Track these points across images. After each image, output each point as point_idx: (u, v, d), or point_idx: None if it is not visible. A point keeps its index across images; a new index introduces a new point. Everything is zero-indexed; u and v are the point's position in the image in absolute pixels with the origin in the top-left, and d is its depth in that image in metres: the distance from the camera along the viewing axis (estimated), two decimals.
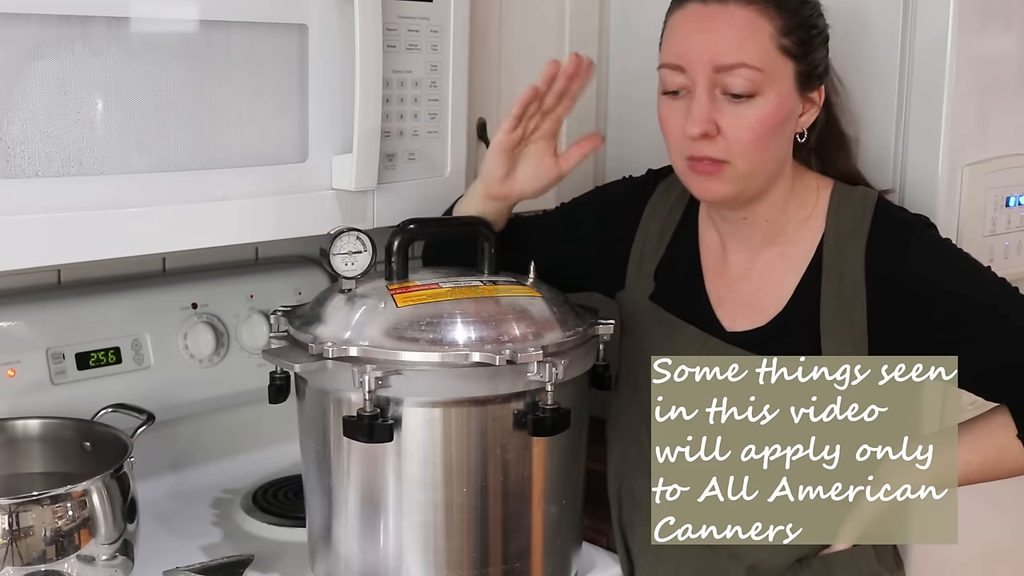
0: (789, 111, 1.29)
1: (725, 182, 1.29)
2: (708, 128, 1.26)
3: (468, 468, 1.26)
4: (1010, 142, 1.62)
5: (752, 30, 1.25)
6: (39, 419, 1.41)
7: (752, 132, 1.26)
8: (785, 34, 1.27)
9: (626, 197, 1.50)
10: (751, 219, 1.36)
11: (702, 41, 1.27)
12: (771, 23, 1.26)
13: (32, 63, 1.17)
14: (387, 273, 1.34)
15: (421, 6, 1.46)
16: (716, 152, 1.27)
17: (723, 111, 1.26)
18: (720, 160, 1.28)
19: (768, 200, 1.34)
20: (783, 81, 1.27)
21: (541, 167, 1.42)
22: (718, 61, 1.25)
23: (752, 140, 1.27)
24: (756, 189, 1.32)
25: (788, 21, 1.27)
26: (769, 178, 1.32)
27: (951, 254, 1.33)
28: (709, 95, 1.26)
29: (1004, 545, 1.80)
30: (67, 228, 1.22)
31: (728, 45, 1.25)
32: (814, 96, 1.32)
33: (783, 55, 1.27)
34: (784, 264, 1.37)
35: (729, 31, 1.26)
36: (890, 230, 1.32)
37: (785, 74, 1.28)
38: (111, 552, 1.27)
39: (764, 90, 1.26)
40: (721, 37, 1.26)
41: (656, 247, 1.45)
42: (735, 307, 1.38)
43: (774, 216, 1.36)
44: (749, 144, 1.27)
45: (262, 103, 1.36)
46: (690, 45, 1.28)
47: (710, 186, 1.30)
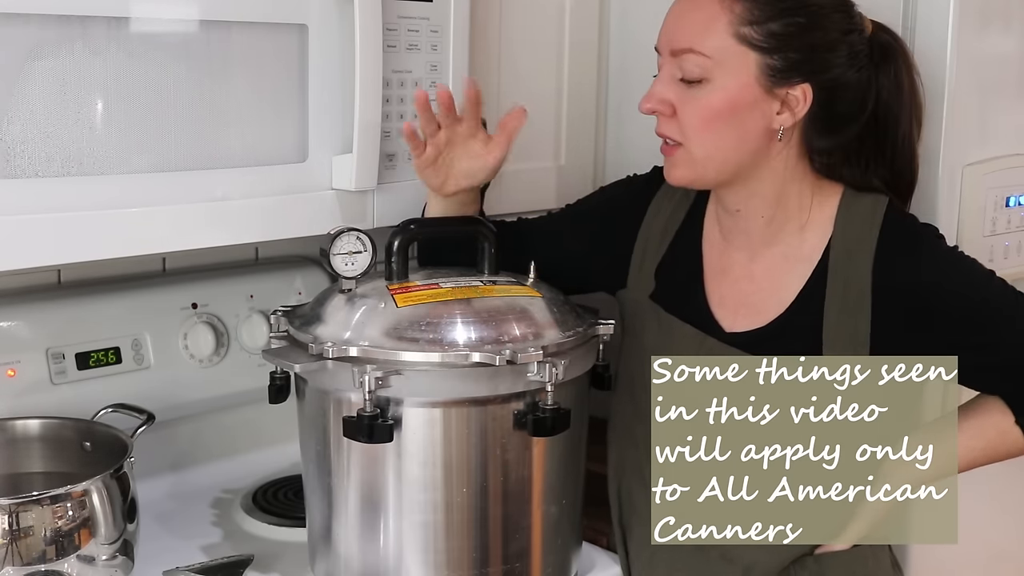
0: (747, 103, 1.28)
1: (680, 165, 1.33)
2: (658, 107, 1.31)
3: (468, 468, 1.26)
4: (1010, 142, 1.63)
5: (707, 18, 1.28)
6: (39, 419, 1.41)
7: (699, 116, 1.29)
8: (748, 23, 1.26)
9: (630, 195, 1.50)
10: (745, 213, 1.36)
11: (668, 24, 1.33)
12: (732, 12, 1.27)
13: (32, 63, 1.17)
14: (387, 273, 1.34)
15: (421, 6, 1.46)
16: (670, 131, 1.32)
17: (676, 93, 1.31)
18: (676, 141, 1.32)
19: (759, 195, 1.34)
20: (739, 71, 1.27)
21: (474, 164, 1.42)
22: (672, 45, 1.31)
23: (700, 124, 1.30)
24: (720, 178, 1.34)
25: (758, 13, 1.27)
26: (735, 169, 1.32)
27: (960, 264, 1.33)
28: (669, 77, 1.31)
29: (1004, 545, 1.80)
30: (67, 228, 1.22)
31: (683, 31, 1.30)
32: (796, 95, 1.29)
33: (742, 45, 1.27)
34: (788, 266, 1.36)
35: (689, 17, 1.30)
36: (900, 240, 1.32)
37: (742, 64, 1.27)
38: (111, 552, 1.27)
39: (714, 77, 1.28)
40: (681, 23, 1.31)
41: (658, 245, 1.45)
42: (736, 307, 1.38)
43: (770, 214, 1.35)
44: (698, 128, 1.30)
45: (262, 103, 1.36)
46: (662, 28, 1.33)
47: (669, 168, 1.35)
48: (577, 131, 1.84)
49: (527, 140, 1.75)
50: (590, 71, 1.86)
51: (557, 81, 1.80)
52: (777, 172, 1.34)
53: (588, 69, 1.85)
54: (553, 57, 1.79)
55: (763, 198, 1.35)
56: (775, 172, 1.34)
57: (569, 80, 1.81)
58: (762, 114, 1.29)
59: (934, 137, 1.50)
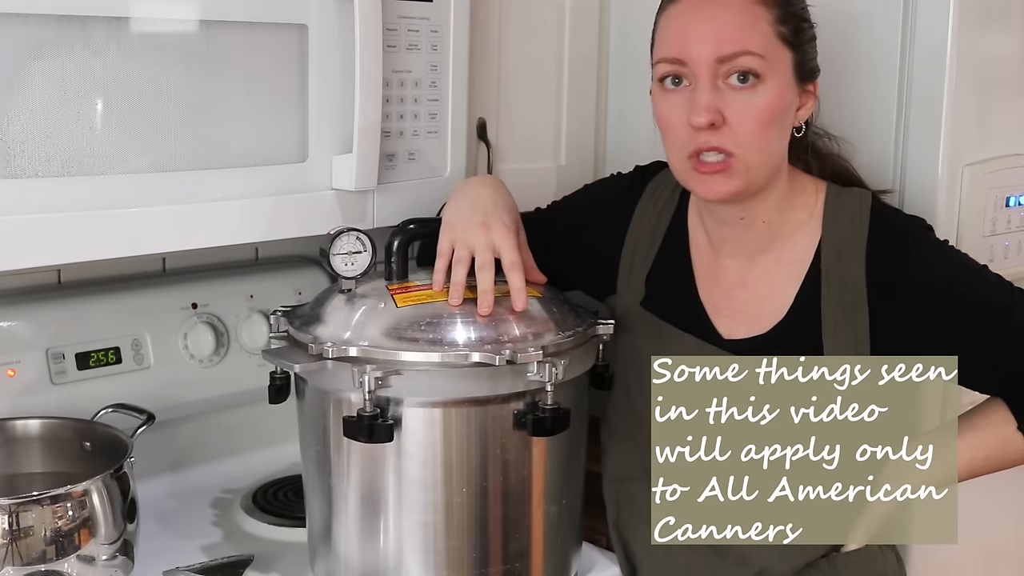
0: (789, 101, 1.29)
1: (733, 177, 1.27)
2: (714, 117, 1.24)
3: (468, 468, 1.26)
4: (1010, 142, 1.62)
5: (751, 17, 1.25)
6: (39, 419, 1.41)
7: (758, 120, 1.25)
8: (782, 22, 1.27)
9: (614, 198, 1.48)
10: (749, 220, 1.35)
11: (703, 31, 1.25)
12: (768, 10, 1.26)
13: (32, 63, 1.17)
14: (387, 273, 1.34)
15: (421, 6, 1.46)
16: (723, 142, 1.25)
17: (728, 100, 1.25)
18: (728, 152, 1.25)
19: (767, 200, 1.33)
20: (783, 70, 1.27)
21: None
22: (721, 51, 1.24)
23: (759, 128, 1.25)
24: (760, 184, 1.30)
25: (783, 10, 1.27)
26: (771, 173, 1.31)
27: (951, 256, 1.32)
28: (712, 85, 1.25)
29: (1004, 545, 1.80)
30: (67, 228, 1.22)
31: (730, 33, 1.24)
32: (810, 89, 1.32)
33: (781, 43, 1.27)
34: (781, 271, 1.36)
35: (729, 19, 1.25)
36: (889, 236, 1.31)
37: (784, 63, 1.27)
38: (111, 552, 1.27)
39: (767, 77, 1.25)
40: (722, 25, 1.25)
41: (647, 251, 1.44)
42: (732, 315, 1.37)
43: (771, 218, 1.35)
44: (757, 132, 1.25)
45: (262, 103, 1.36)
46: (691, 36, 1.26)
47: (716, 185, 1.27)
48: (577, 131, 1.84)
49: (527, 140, 1.76)
50: (590, 71, 1.86)
51: (557, 81, 1.80)
52: (784, 173, 1.34)
53: (588, 69, 1.85)
54: (553, 57, 1.79)
55: (770, 203, 1.34)
56: (783, 174, 1.34)
57: (569, 80, 1.81)
58: (792, 112, 1.30)
59: (934, 137, 1.50)
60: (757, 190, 1.31)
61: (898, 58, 1.51)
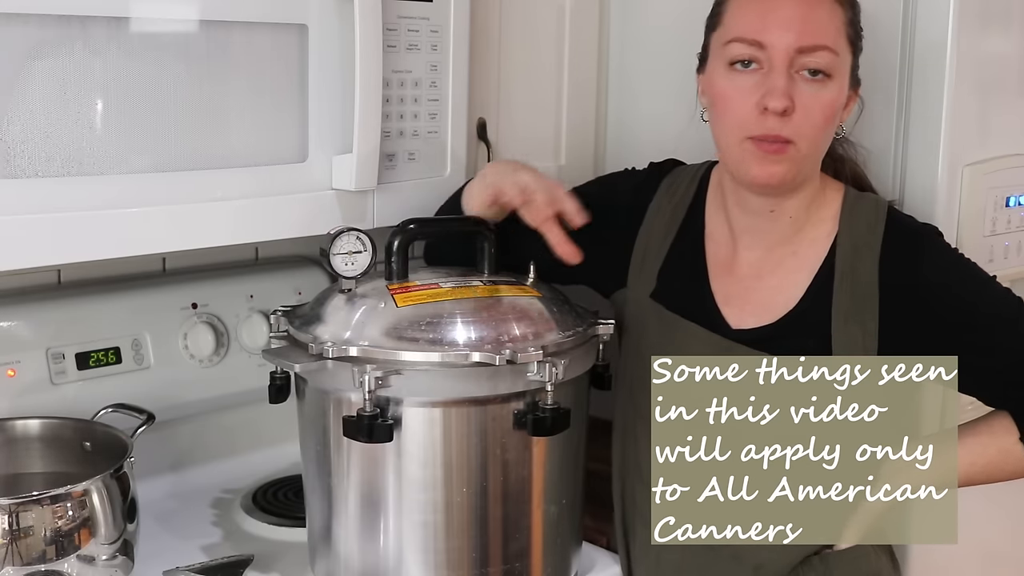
0: (843, 102, 1.32)
1: (787, 162, 1.29)
2: (791, 104, 1.26)
3: (468, 468, 1.26)
4: (1010, 142, 1.63)
5: (832, 13, 1.29)
6: (39, 419, 1.41)
7: (823, 114, 1.28)
8: (851, 24, 1.31)
9: (628, 194, 1.49)
10: (778, 212, 1.36)
11: (787, 18, 1.27)
12: (844, 10, 1.30)
13: (32, 63, 1.17)
14: (387, 273, 1.34)
15: (421, 6, 1.46)
16: (787, 131, 1.27)
17: (800, 90, 1.27)
18: (787, 140, 1.27)
19: (798, 195, 1.35)
20: (845, 71, 1.31)
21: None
22: (803, 41, 1.26)
23: (822, 123, 1.29)
24: (804, 176, 1.33)
25: (854, 13, 1.31)
26: (814, 168, 1.34)
27: (962, 263, 1.34)
28: (789, 73, 1.27)
29: (1003, 545, 1.80)
30: (67, 228, 1.22)
31: (813, 25, 1.27)
32: (852, 94, 1.35)
33: (848, 44, 1.30)
34: (796, 263, 1.37)
35: (813, 11, 1.28)
36: (904, 238, 1.33)
37: (847, 64, 1.31)
38: (111, 552, 1.27)
39: (835, 75, 1.28)
40: (807, 16, 1.27)
41: (660, 245, 1.44)
42: (743, 304, 1.38)
43: (798, 213, 1.36)
44: (820, 126, 1.29)
45: (262, 103, 1.36)
46: (771, 21, 1.28)
47: (769, 166, 1.29)
48: (577, 131, 1.84)
49: (527, 140, 1.76)
50: (590, 71, 1.86)
51: (557, 81, 1.80)
52: (818, 171, 1.37)
53: (588, 69, 1.85)
54: (553, 57, 1.79)
55: (802, 198, 1.36)
56: (817, 171, 1.37)
57: (569, 80, 1.81)
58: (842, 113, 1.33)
59: (934, 137, 1.50)
60: (801, 182, 1.34)
61: (898, 58, 1.52)
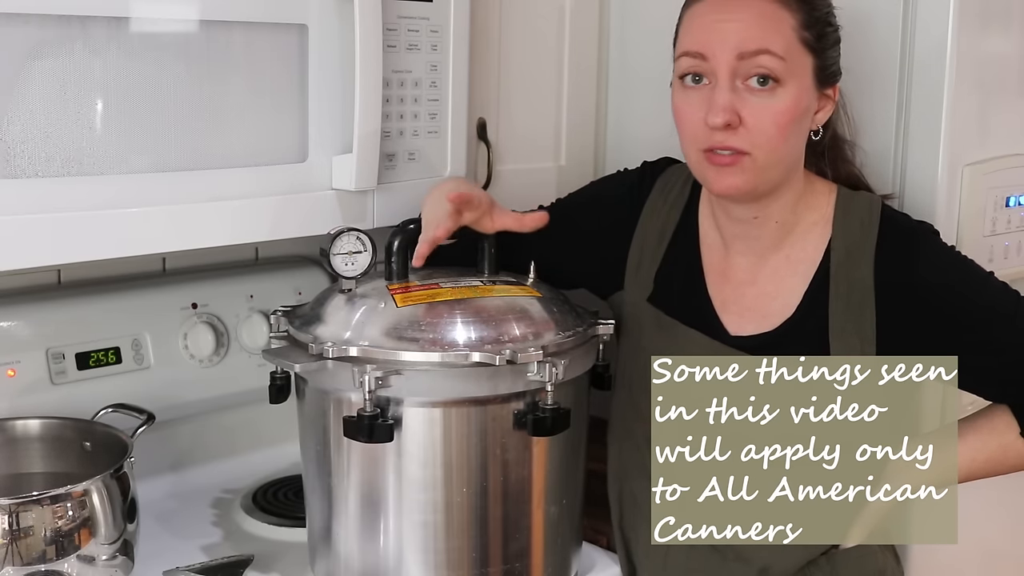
0: (807, 106, 1.30)
1: (743, 173, 1.28)
2: (731, 118, 1.25)
3: (468, 468, 1.26)
4: (1010, 142, 1.62)
5: (775, 19, 1.26)
6: (39, 419, 1.41)
7: (775, 123, 1.26)
8: (805, 27, 1.28)
9: (623, 195, 1.49)
10: (762, 219, 1.35)
11: (726, 29, 1.27)
12: (792, 15, 1.27)
13: (32, 63, 1.17)
14: (387, 273, 1.34)
15: (421, 6, 1.46)
16: (738, 143, 1.26)
17: (746, 101, 1.26)
18: (742, 151, 1.27)
19: (781, 200, 1.34)
20: (803, 75, 1.28)
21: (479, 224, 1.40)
22: (742, 47, 1.25)
23: (775, 131, 1.26)
24: (771, 184, 1.31)
25: (808, 15, 1.28)
26: (784, 174, 1.32)
27: (958, 260, 1.33)
28: (731, 85, 1.26)
29: (1004, 544, 1.80)
30: (67, 228, 1.22)
31: (753, 32, 1.26)
32: (830, 93, 1.33)
33: (804, 48, 1.28)
34: (791, 269, 1.36)
35: (753, 19, 1.26)
36: (899, 237, 1.32)
37: (805, 67, 1.28)
38: (111, 552, 1.27)
39: (786, 81, 1.26)
40: (746, 25, 1.26)
41: (656, 248, 1.44)
42: (740, 311, 1.38)
43: (784, 217, 1.35)
44: (772, 135, 1.26)
45: (262, 103, 1.36)
46: (713, 32, 1.27)
47: (727, 179, 1.29)
48: (577, 131, 1.84)
49: (527, 140, 1.76)
50: (590, 71, 1.86)
51: (557, 81, 1.80)
52: (799, 174, 1.35)
53: (588, 69, 1.85)
54: (553, 57, 1.79)
55: (782, 203, 1.34)
56: (798, 175, 1.35)
57: (569, 80, 1.81)
58: (811, 115, 1.31)
59: (934, 137, 1.50)
60: (769, 189, 1.32)
61: (898, 58, 1.51)
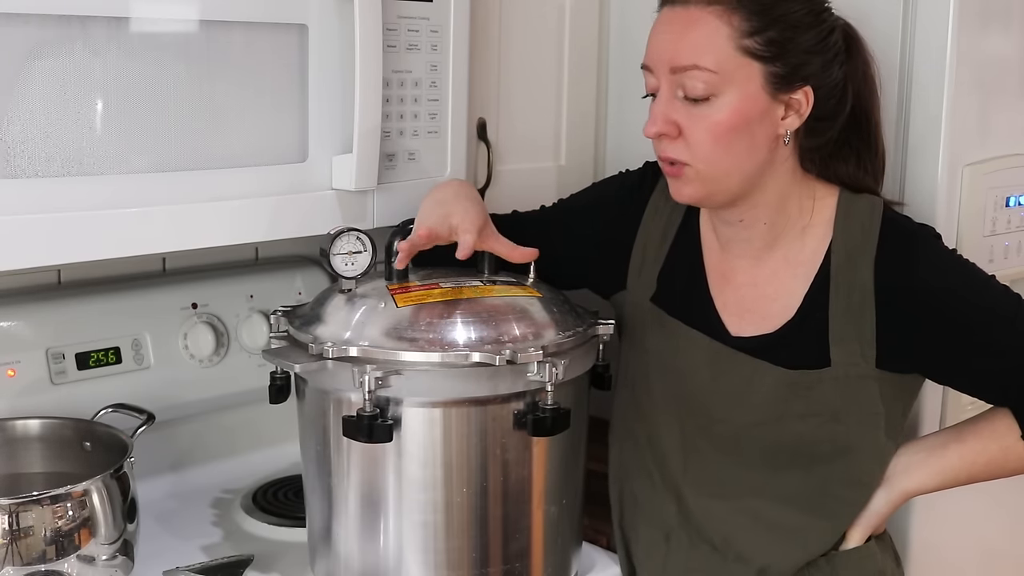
0: (756, 114, 1.26)
1: (690, 183, 1.29)
2: (666, 128, 1.27)
3: (468, 468, 1.26)
4: (1010, 142, 1.63)
5: (708, 33, 1.25)
6: (39, 419, 1.41)
7: (710, 134, 1.26)
8: (749, 35, 1.24)
9: (625, 195, 1.49)
10: (748, 221, 1.35)
11: (663, 42, 1.28)
12: (731, 25, 1.24)
13: (32, 63, 1.17)
14: (387, 273, 1.34)
15: (421, 6, 1.46)
16: (676, 153, 1.28)
17: (682, 112, 1.27)
18: (681, 161, 1.28)
19: (762, 203, 1.33)
20: (746, 83, 1.25)
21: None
22: (673, 62, 1.26)
23: (711, 142, 1.26)
24: (729, 193, 1.31)
25: (755, 22, 1.25)
26: (746, 180, 1.30)
27: (959, 264, 1.32)
28: (670, 96, 1.27)
29: (1003, 543, 1.81)
30: (67, 228, 1.22)
31: (683, 47, 1.26)
32: (798, 98, 1.28)
33: (746, 56, 1.25)
34: (790, 270, 1.35)
35: (686, 33, 1.26)
36: (899, 240, 1.31)
37: (749, 76, 1.25)
38: (111, 552, 1.27)
39: (721, 92, 1.25)
40: (678, 39, 1.26)
41: (658, 248, 1.44)
42: (741, 312, 1.37)
43: (772, 219, 1.34)
44: (708, 146, 1.26)
45: (262, 103, 1.36)
46: (654, 46, 1.29)
47: (679, 188, 1.31)
48: (577, 131, 1.84)
49: (527, 140, 1.76)
50: (590, 71, 1.86)
51: (557, 81, 1.80)
52: (779, 178, 1.33)
53: (588, 69, 1.85)
54: (553, 57, 1.79)
55: (766, 206, 1.33)
56: (777, 178, 1.33)
57: (569, 80, 1.81)
58: (771, 121, 1.28)
59: (934, 137, 1.50)
60: (730, 198, 1.32)
61: (898, 58, 1.51)
